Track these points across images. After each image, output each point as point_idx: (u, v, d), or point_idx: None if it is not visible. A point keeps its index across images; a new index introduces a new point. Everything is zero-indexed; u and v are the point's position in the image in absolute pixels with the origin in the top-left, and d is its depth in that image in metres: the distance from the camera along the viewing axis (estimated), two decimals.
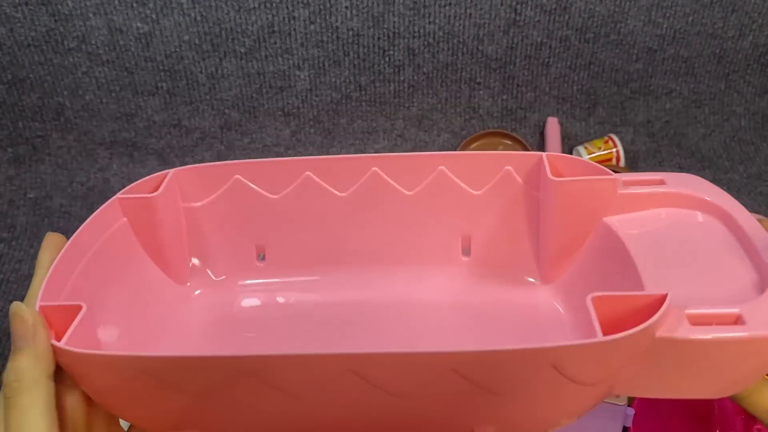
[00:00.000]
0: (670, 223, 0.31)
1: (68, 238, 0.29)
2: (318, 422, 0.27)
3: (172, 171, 0.34)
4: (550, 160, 0.32)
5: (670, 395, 0.26)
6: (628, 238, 0.30)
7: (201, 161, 0.87)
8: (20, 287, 0.70)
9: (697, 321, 0.23)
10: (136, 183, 0.33)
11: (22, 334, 0.26)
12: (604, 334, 0.22)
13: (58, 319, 0.26)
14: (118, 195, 0.32)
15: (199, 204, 0.35)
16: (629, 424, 0.50)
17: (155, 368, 0.23)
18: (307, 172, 0.34)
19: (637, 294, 0.24)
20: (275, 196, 0.35)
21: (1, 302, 0.68)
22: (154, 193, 0.32)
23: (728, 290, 0.26)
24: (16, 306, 0.27)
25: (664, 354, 0.23)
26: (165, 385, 0.24)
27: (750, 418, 0.53)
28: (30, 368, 0.25)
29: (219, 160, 0.87)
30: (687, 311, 0.24)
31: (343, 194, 0.35)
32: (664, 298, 0.23)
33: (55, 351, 0.25)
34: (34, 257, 0.75)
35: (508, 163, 0.33)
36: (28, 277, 0.71)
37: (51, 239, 0.29)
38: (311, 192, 0.34)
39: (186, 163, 0.90)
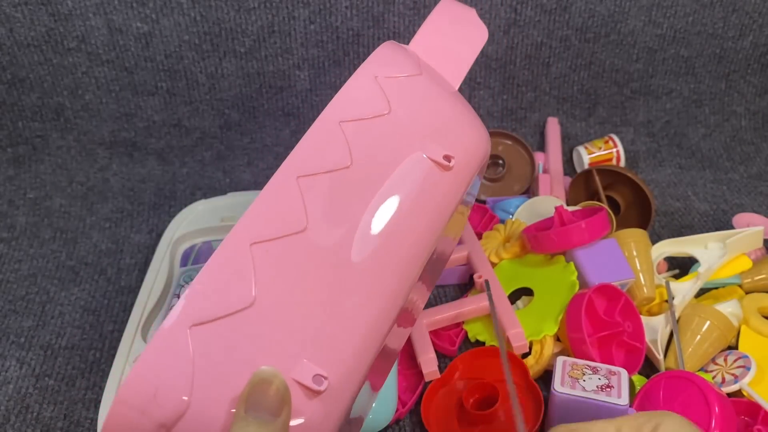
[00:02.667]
0: None
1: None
2: None
3: None
4: None
5: None
6: None
7: (201, 161, 0.87)
8: (20, 287, 0.70)
9: None
10: None
11: (269, 407, 0.25)
12: None
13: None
14: None
15: None
16: None
17: None
18: None
19: None
20: None
21: (0, 302, 0.68)
22: None
23: None
24: (269, 373, 0.26)
25: None
26: None
27: (750, 418, 0.53)
28: None
29: (219, 160, 0.87)
30: None
31: None
32: None
33: None
34: (33, 257, 0.75)
35: None
36: (28, 276, 0.71)
37: None
38: None
39: (186, 163, 0.91)
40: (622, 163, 0.86)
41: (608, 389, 0.50)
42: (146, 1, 0.77)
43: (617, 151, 0.86)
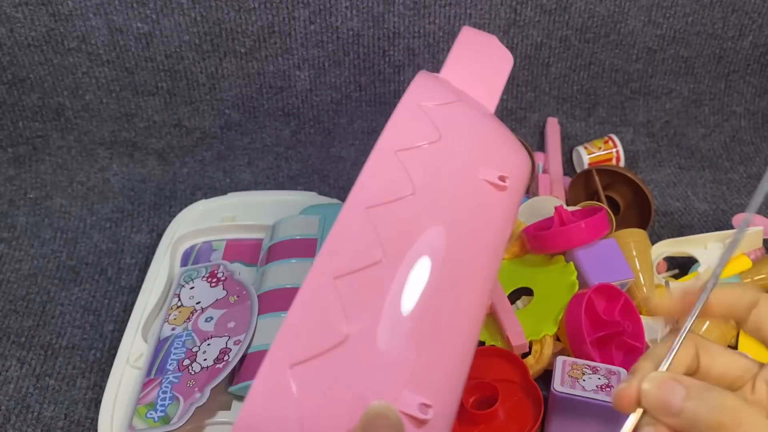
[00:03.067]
0: None
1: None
2: None
3: None
4: None
5: None
6: None
7: (201, 161, 0.87)
8: (20, 287, 0.70)
9: None
10: None
11: None
12: None
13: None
14: None
15: None
16: None
17: None
18: None
19: None
20: None
21: (1, 302, 0.68)
22: None
23: None
24: (382, 407, 0.27)
25: None
26: None
27: None
28: None
29: (219, 160, 0.87)
30: None
31: None
32: None
33: None
34: (34, 257, 0.75)
35: None
36: (29, 276, 0.71)
37: None
38: None
39: (186, 163, 0.91)
40: (622, 163, 0.86)
41: (608, 389, 0.50)
42: (146, 1, 0.77)
43: (617, 151, 0.86)
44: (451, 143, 0.37)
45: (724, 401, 0.25)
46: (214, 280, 0.63)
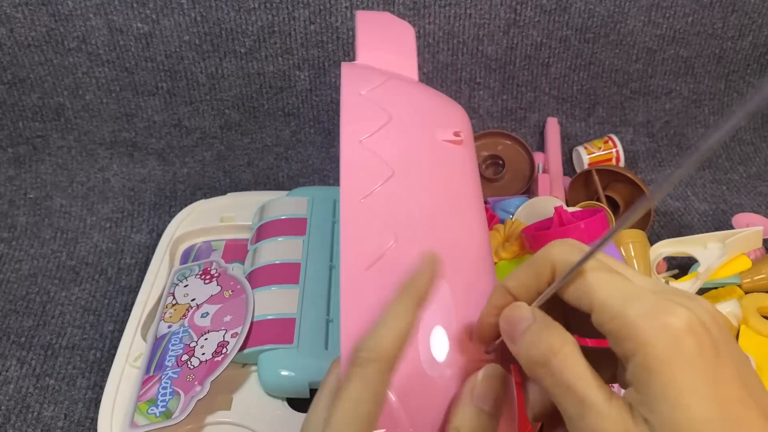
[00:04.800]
0: None
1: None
2: None
3: None
4: None
5: None
6: None
7: (201, 161, 0.87)
8: (20, 287, 0.70)
9: None
10: None
11: (496, 400, 0.28)
12: None
13: None
14: None
15: None
16: None
17: None
18: None
19: None
20: None
21: (1, 302, 0.68)
22: None
23: None
24: (497, 369, 0.28)
25: None
26: None
27: None
28: None
29: (219, 160, 0.87)
30: None
31: None
32: None
33: None
34: (34, 257, 0.75)
35: None
36: (29, 276, 0.71)
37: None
38: None
39: (186, 164, 0.91)
40: (622, 164, 0.87)
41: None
42: (146, 1, 0.77)
43: (617, 152, 0.86)
44: (401, 119, 0.40)
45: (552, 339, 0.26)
46: (208, 276, 0.63)
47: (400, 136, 0.39)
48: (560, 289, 0.27)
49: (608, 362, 0.27)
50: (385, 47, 0.49)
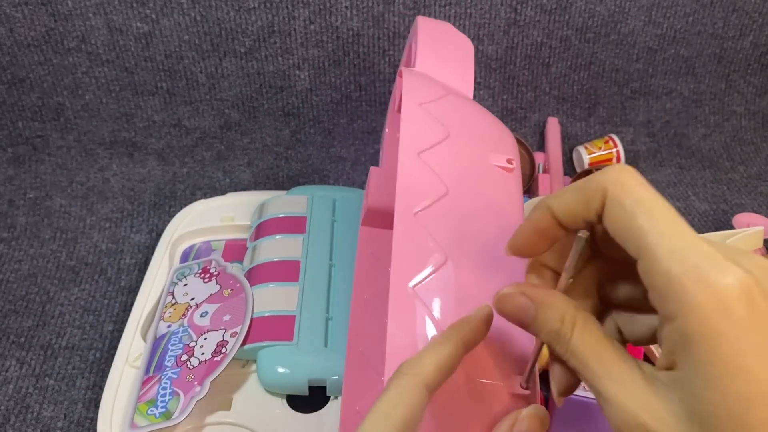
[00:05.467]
0: None
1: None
2: None
3: None
4: None
5: None
6: None
7: (201, 161, 0.87)
8: (20, 287, 0.70)
9: None
10: None
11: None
12: None
13: None
14: None
15: None
16: None
17: None
18: None
19: None
20: None
21: (0, 302, 0.68)
22: None
23: None
24: (540, 410, 0.28)
25: None
26: None
27: None
28: None
29: (219, 160, 0.87)
30: None
31: None
32: None
33: None
34: (33, 257, 0.75)
35: None
36: (28, 276, 0.71)
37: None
38: None
39: (186, 163, 0.91)
40: (622, 163, 0.86)
41: None
42: (146, 1, 0.77)
43: (617, 151, 0.86)
44: (459, 138, 0.39)
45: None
46: (207, 275, 0.63)
47: (456, 155, 0.38)
48: (607, 221, 0.23)
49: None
50: (444, 58, 0.47)
